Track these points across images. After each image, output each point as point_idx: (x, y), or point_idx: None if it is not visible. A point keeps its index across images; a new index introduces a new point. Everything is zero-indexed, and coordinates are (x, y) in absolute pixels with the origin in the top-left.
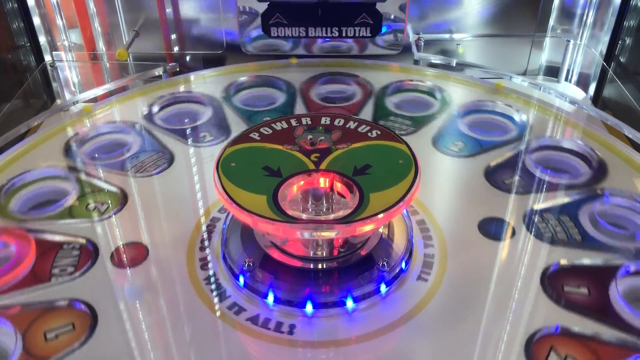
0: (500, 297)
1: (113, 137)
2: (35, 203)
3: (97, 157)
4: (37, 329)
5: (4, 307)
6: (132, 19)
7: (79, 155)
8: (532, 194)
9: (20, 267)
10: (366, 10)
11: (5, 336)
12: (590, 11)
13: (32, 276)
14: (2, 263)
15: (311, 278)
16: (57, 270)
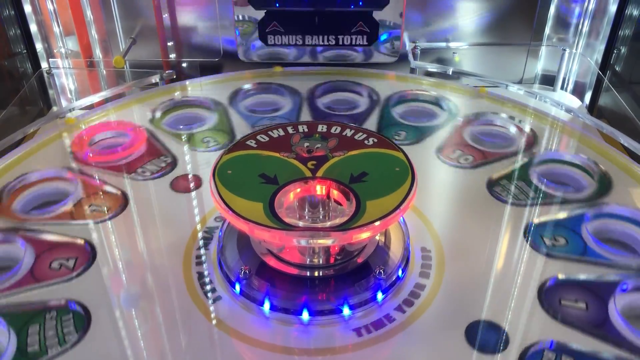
0: (497, 307)
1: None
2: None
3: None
4: None
5: None
6: (129, 27)
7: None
8: (532, 206)
9: None
10: (363, 19)
11: None
12: (586, 20)
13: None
14: None
15: (307, 286)
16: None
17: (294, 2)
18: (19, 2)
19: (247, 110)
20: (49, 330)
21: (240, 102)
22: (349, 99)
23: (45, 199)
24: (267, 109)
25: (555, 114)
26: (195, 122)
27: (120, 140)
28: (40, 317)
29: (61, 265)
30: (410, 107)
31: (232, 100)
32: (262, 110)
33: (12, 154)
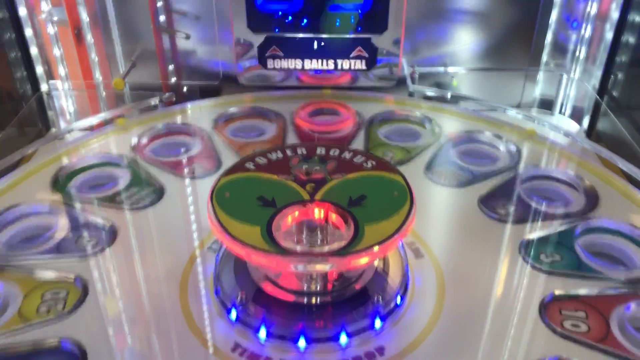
0: (498, 329)
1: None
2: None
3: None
4: None
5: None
6: (129, 50)
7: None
8: (528, 224)
9: None
10: (361, 44)
11: None
12: (582, 46)
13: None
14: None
15: (305, 312)
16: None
17: (293, 28)
18: (20, 26)
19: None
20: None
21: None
22: None
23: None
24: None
25: (554, 137)
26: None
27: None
28: None
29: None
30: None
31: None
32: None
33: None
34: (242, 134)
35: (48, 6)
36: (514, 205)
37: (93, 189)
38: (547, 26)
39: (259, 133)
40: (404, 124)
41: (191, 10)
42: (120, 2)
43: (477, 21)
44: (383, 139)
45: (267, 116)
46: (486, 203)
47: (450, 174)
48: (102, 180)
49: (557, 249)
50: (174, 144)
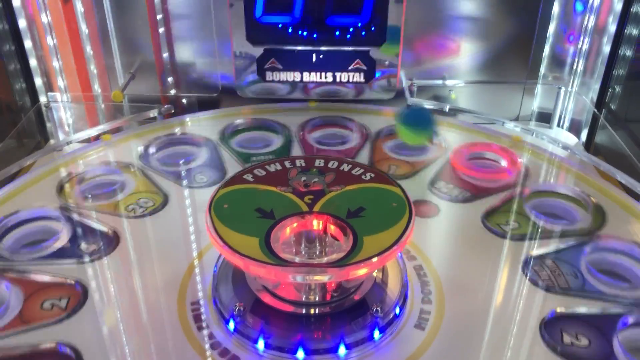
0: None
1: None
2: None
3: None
4: None
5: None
6: (128, 62)
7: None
8: (529, 240)
9: None
10: (360, 57)
11: None
12: (580, 60)
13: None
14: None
15: (303, 323)
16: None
17: (292, 40)
18: (20, 38)
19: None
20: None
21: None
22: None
23: (34, 238)
24: (259, 145)
25: (552, 150)
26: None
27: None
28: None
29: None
30: None
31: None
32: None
33: (7, 188)
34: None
35: (47, 18)
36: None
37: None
38: (545, 39)
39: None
40: None
41: (190, 22)
42: (119, 15)
43: (476, 34)
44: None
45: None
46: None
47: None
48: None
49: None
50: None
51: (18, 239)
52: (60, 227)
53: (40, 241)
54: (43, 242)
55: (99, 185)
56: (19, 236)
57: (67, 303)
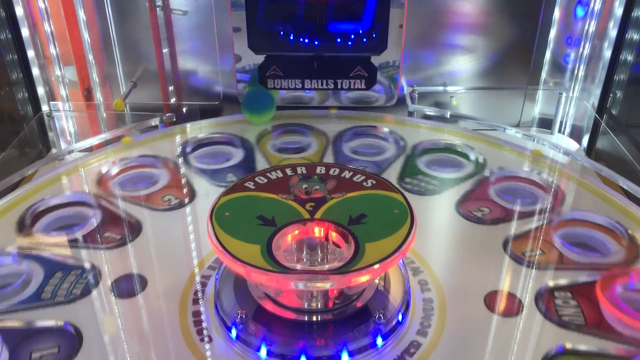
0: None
1: None
2: None
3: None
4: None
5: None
6: (130, 70)
7: None
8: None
9: None
10: (361, 64)
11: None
12: (581, 65)
13: None
14: None
15: (305, 331)
16: None
17: (293, 47)
18: (22, 47)
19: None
20: None
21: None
22: None
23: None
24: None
25: (554, 156)
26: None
27: None
28: None
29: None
30: None
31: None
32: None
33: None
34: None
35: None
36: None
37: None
38: (546, 45)
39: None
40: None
41: (192, 31)
42: (121, 24)
43: (476, 41)
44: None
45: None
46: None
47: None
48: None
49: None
50: None
51: None
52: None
53: None
54: None
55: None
56: None
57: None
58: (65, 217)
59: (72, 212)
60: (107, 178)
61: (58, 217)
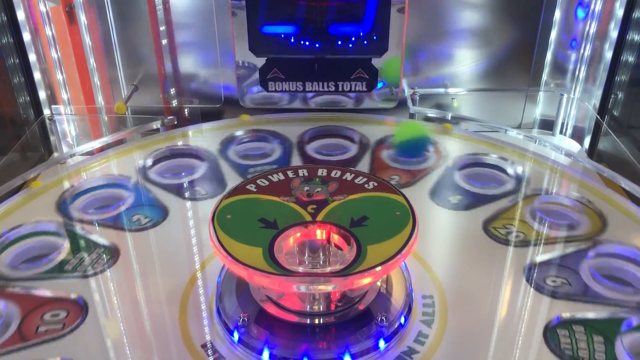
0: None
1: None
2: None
3: (90, 211)
4: None
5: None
6: (132, 74)
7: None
8: (531, 246)
9: None
10: (362, 66)
11: None
12: (582, 66)
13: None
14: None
15: (308, 334)
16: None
17: (294, 50)
18: (24, 51)
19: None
20: None
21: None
22: None
23: (34, 253)
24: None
25: (555, 158)
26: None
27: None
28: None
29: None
30: None
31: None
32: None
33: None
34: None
35: (51, 31)
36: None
37: (96, 210)
38: (546, 46)
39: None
40: None
41: (193, 34)
42: (123, 27)
43: (477, 42)
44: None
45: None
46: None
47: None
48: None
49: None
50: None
51: (17, 255)
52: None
53: (41, 256)
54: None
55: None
56: (18, 251)
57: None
58: None
59: None
60: None
61: None
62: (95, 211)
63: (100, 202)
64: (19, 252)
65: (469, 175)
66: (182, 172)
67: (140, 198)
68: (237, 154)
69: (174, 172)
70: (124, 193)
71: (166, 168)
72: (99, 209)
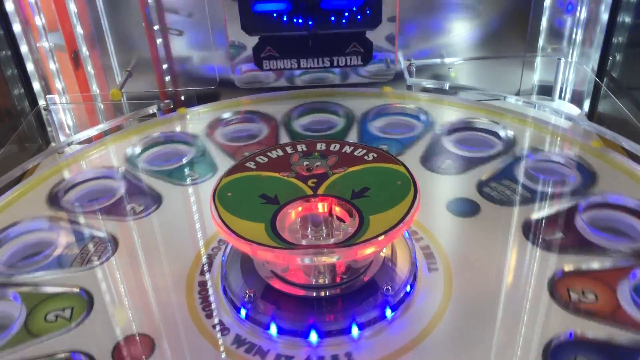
0: (510, 311)
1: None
2: (24, 254)
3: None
4: None
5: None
6: (125, 60)
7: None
8: (529, 205)
9: None
10: (356, 39)
11: None
12: (579, 29)
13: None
14: None
15: (314, 307)
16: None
17: (287, 27)
18: (15, 43)
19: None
20: None
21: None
22: None
23: (32, 250)
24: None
25: (556, 122)
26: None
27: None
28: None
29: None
30: None
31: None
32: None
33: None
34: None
35: (45, 36)
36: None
37: (92, 201)
38: (541, 11)
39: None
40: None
41: (184, 16)
42: (113, 13)
43: (471, 10)
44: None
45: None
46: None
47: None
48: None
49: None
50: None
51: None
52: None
53: (39, 252)
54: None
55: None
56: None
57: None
58: None
59: None
60: None
61: None
62: (90, 202)
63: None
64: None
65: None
66: (172, 158)
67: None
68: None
69: (163, 159)
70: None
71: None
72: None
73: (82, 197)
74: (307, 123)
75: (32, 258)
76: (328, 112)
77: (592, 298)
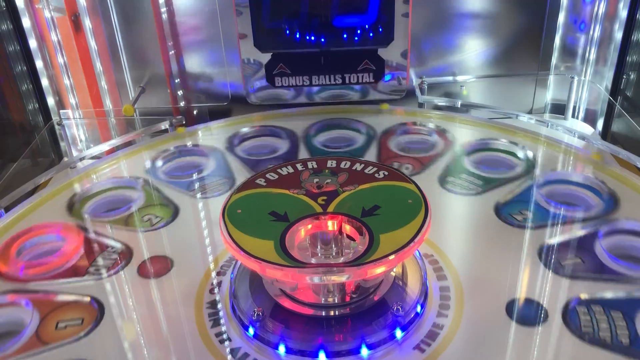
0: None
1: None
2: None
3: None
4: None
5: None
6: (138, 76)
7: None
8: (546, 229)
9: None
10: (368, 57)
11: None
12: (592, 48)
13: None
14: None
15: (323, 326)
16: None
17: (299, 44)
18: (31, 58)
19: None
20: None
21: (238, 146)
22: None
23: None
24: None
25: (569, 141)
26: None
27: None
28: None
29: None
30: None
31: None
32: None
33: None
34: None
35: (57, 37)
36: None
37: (107, 212)
38: (555, 29)
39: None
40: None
41: (198, 33)
42: (127, 30)
43: (484, 28)
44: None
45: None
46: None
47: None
48: (115, 204)
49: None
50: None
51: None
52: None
53: None
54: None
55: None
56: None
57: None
58: None
59: None
60: None
61: None
62: (106, 214)
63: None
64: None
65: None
66: (191, 170)
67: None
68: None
69: (182, 170)
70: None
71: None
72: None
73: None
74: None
75: None
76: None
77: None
